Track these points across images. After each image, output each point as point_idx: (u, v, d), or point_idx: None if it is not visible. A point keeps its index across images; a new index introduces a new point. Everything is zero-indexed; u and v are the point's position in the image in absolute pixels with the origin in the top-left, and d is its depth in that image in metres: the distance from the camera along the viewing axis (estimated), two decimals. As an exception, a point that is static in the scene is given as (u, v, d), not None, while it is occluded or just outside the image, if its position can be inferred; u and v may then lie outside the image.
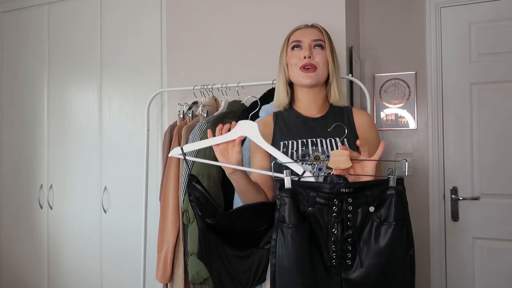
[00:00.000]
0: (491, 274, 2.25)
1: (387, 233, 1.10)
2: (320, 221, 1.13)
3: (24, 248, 2.85)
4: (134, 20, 2.51)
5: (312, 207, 1.12)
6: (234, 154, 1.24)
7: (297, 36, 1.39)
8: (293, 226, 1.11)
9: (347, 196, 1.11)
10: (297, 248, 1.10)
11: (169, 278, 1.84)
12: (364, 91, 1.83)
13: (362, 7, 2.55)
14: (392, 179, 1.11)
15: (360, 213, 1.12)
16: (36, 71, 2.81)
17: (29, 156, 2.83)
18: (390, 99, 2.48)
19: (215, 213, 1.24)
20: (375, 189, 1.12)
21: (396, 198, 1.10)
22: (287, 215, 1.11)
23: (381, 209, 1.11)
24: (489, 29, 2.29)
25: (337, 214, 1.11)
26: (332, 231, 1.12)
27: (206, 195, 1.25)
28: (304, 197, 1.13)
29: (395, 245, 1.10)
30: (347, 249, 1.12)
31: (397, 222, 1.10)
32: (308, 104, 1.40)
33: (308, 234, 1.12)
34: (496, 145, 2.26)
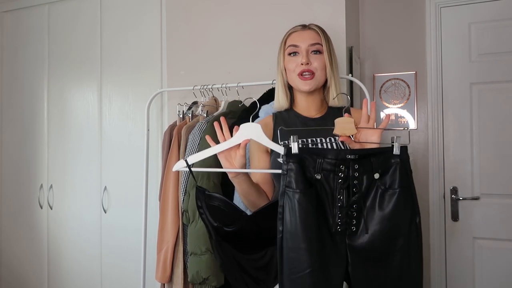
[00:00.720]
0: (491, 274, 2.25)
1: (391, 200, 1.11)
2: (326, 188, 1.13)
3: (24, 248, 2.85)
4: (134, 20, 2.51)
5: (319, 173, 1.12)
6: (238, 158, 1.24)
7: (294, 40, 1.38)
8: (300, 191, 1.10)
9: (353, 163, 1.12)
10: (305, 213, 1.10)
11: (168, 278, 1.84)
12: (364, 91, 1.83)
13: (362, 7, 2.55)
14: (396, 146, 1.12)
15: (365, 180, 1.13)
16: (36, 71, 2.81)
17: (29, 156, 2.83)
18: (390, 99, 2.48)
19: (238, 218, 1.23)
20: (380, 156, 1.13)
21: (400, 165, 1.12)
22: (294, 180, 1.11)
23: (386, 176, 1.12)
24: (489, 29, 2.29)
25: (343, 180, 1.12)
26: (338, 197, 1.13)
27: (228, 201, 1.24)
28: (310, 163, 1.13)
29: (400, 212, 1.11)
30: (352, 215, 1.13)
31: (401, 189, 1.11)
32: (307, 106, 1.41)
33: (315, 200, 1.12)
34: (496, 145, 2.26)
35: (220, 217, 1.24)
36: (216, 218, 1.25)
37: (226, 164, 1.26)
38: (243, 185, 1.29)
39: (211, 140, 1.27)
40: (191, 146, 1.77)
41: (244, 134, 1.25)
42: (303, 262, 1.10)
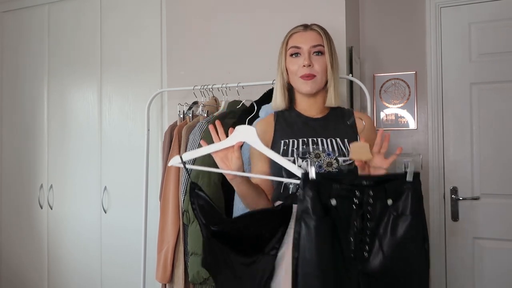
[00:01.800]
0: (491, 274, 2.25)
1: (403, 226, 1.11)
2: (340, 213, 1.14)
3: (24, 248, 2.85)
4: (134, 20, 2.51)
5: (334, 199, 1.13)
6: (234, 160, 1.24)
7: (296, 41, 1.37)
8: (317, 218, 1.10)
9: (368, 189, 1.12)
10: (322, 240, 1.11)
11: (169, 278, 1.84)
12: (364, 91, 1.83)
13: (362, 7, 2.55)
14: (409, 173, 1.12)
15: (379, 206, 1.13)
16: (36, 71, 2.81)
17: (29, 156, 2.83)
18: (390, 99, 2.48)
19: (220, 220, 1.24)
20: (394, 182, 1.13)
21: (412, 191, 1.12)
22: (311, 206, 1.11)
23: (398, 202, 1.13)
24: (489, 29, 2.29)
25: (358, 206, 1.13)
26: (353, 223, 1.13)
27: (210, 202, 1.25)
28: (326, 188, 1.13)
29: (411, 238, 1.12)
30: (365, 241, 1.14)
31: (413, 215, 1.12)
32: (309, 107, 1.41)
33: (330, 227, 1.12)
34: (496, 145, 2.26)
35: (205, 216, 1.26)
36: (204, 216, 1.26)
37: (223, 167, 1.25)
38: (241, 187, 1.29)
39: (205, 143, 1.28)
40: (191, 146, 1.77)
41: (238, 137, 1.24)
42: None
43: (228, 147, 1.25)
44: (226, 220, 1.24)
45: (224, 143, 1.25)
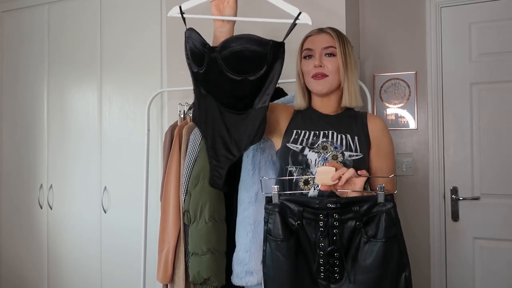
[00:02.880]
0: (491, 274, 2.25)
1: (374, 251, 1.09)
2: (308, 235, 1.15)
3: (24, 248, 2.85)
4: (134, 19, 2.51)
5: (300, 222, 1.14)
6: (227, 9, 1.30)
7: (309, 44, 1.42)
8: (279, 241, 1.14)
9: (333, 211, 1.12)
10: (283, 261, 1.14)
11: (170, 278, 1.84)
12: (364, 91, 1.83)
13: (362, 7, 2.55)
14: (380, 195, 1.10)
15: (348, 229, 1.12)
16: (36, 71, 2.81)
17: (29, 156, 2.83)
18: (390, 99, 2.48)
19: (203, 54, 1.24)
20: (363, 205, 1.12)
21: (385, 215, 1.10)
22: (275, 228, 1.15)
23: (370, 225, 1.11)
24: (489, 29, 2.29)
25: (323, 228, 1.13)
26: (319, 245, 1.13)
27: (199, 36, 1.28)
28: (292, 211, 1.15)
29: (384, 264, 1.09)
30: (335, 264, 1.13)
31: (386, 240, 1.09)
32: (323, 106, 1.44)
33: (294, 248, 1.14)
34: (496, 145, 2.26)
35: (194, 57, 1.28)
36: (194, 61, 1.28)
37: (215, 13, 1.30)
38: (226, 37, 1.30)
39: None
40: (192, 146, 1.77)
41: None
42: None
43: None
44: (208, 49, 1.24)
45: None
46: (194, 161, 1.74)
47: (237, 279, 1.51)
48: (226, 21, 1.30)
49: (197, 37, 1.28)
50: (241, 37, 1.22)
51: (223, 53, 1.22)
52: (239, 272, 1.50)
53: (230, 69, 1.22)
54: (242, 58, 1.21)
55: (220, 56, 1.22)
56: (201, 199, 1.68)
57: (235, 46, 1.21)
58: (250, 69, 1.23)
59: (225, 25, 1.30)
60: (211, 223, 1.65)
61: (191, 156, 1.77)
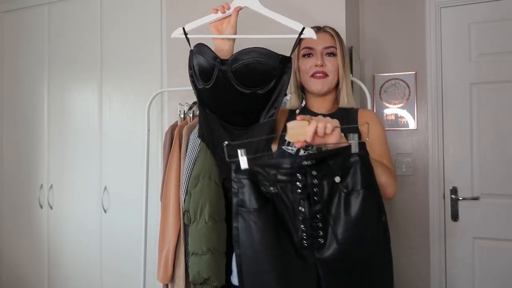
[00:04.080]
0: (491, 274, 2.25)
1: (357, 202, 1.02)
2: (285, 201, 1.04)
3: (24, 248, 2.85)
4: (134, 19, 2.51)
5: (275, 187, 1.03)
6: (229, 28, 1.29)
7: (309, 42, 1.40)
8: (254, 210, 1.01)
9: (311, 169, 1.02)
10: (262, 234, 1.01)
11: (170, 278, 1.84)
12: (364, 91, 1.83)
13: (362, 7, 2.55)
14: (354, 145, 1.02)
15: (326, 186, 1.03)
16: (36, 71, 2.81)
17: (29, 156, 2.83)
18: (390, 99, 2.48)
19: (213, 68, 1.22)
20: (338, 158, 1.03)
21: (360, 164, 1.03)
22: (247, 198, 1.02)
23: (347, 177, 1.03)
24: (489, 29, 2.29)
25: (302, 189, 1.03)
26: (299, 209, 1.04)
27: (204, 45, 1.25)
28: (264, 177, 1.03)
29: (367, 214, 1.03)
30: (318, 227, 1.04)
31: (365, 189, 1.03)
32: (318, 106, 1.43)
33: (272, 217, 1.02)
34: (496, 145, 2.26)
35: (202, 72, 1.25)
36: (200, 76, 1.26)
37: (215, 34, 1.30)
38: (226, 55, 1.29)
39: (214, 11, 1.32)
40: (192, 146, 1.77)
41: (238, 2, 1.28)
42: (269, 286, 1.02)
43: (226, 17, 1.30)
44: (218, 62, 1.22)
45: (223, 14, 1.30)
46: (194, 161, 1.74)
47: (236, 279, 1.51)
48: (227, 40, 1.30)
49: (208, 51, 1.25)
50: (253, 50, 1.20)
51: (234, 66, 1.20)
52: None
53: (239, 82, 1.21)
54: (252, 71, 1.20)
55: (230, 69, 1.21)
56: (201, 199, 1.68)
57: (247, 59, 1.20)
58: (259, 82, 1.21)
59: (225, 43, 1.29)
60: (211, 223, 1.65)
61: (191, 156, 1.77)
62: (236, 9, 1.28)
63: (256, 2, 1.29)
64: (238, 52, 1.21)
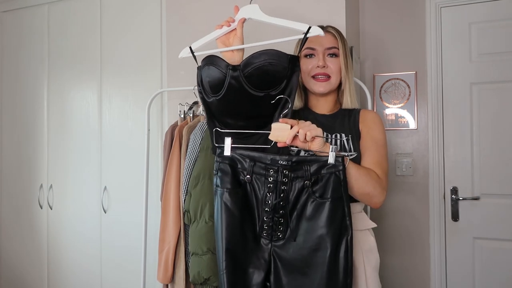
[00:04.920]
0: (491, 274, 2.25)
1: (320, 210, 1.10)
2: (257, 191, 1.15)
3: (24, 248, 2.85)
4: (134, 20, 2.51)
5: (249, 176, 1.14)
6: (236, 41, 1.29)
7: (311, 43, 1.39)
8: (227, 190, 1.14)
9: (283, 168, 1.12)
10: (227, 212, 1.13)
11: (170, 278, 1.84)
12: (364, 91, 1.83)
13: (362, 7, 2.55)
14: (331, 156, 1.09)
15: (297, 187, 1.12)
16: (36, 71, 2.81)
17: (29, 156, 2.83)
18: (390, 99, 2.48)
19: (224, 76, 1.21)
20: (314, 165, 1.11)
21: (334, 176, 1.10)
22: (223, 180, 1.15)
23: (318, 185, 1.11)
24: (489, 29, 2.29)
25: (272, 184, 1.13)
26: (266, 202, 1.13)
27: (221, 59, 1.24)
28: (243, 166, 1.15)
29: (328, 223, 1.09)
30: (279, 221, 1.13)
31: (332, 200, 1.09)
32: (320, 106, 1.44)
33: (241, 200, 1.14)
34: (496, 145, 2.26)
35: (212, 83, 1.24)
36: (210, 89, 1.25)
37: (222, 46, 1.31)
38: None
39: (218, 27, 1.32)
40: (192, 146, 1.77)
41: (242, 14, 1.30)
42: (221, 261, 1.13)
43: (231, 31, 1.31)
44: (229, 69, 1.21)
45: (228, 28, 1.30)
46: (194, 161, 1.74)
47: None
48: (236, 52, 1.29)
49: (219, 60, 1.25)
50: (264, 53, 1.21)
51: (247, 70, 1.20)
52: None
53: (253, 86, 1.21)
54: (265, 73, 1.20)
55: (243, 73, 1.20)
56: (201, 199, 1.68)
57: (259, 61, 1.20)
58: (272, 83, 1.21)
59: (235, 56, 1.28)
60: (211, 223, 1.65)
61: (192, 156, 1.77)
62: (241, 21, 1.29)
63: (259, 12, 1.30)
64: (249, 57, 1.21)
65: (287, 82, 1.22)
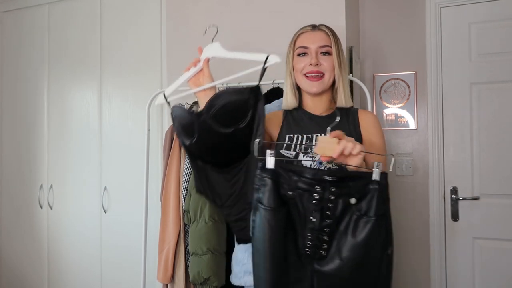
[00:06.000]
0: (491, 274, 2.25)
1: (365, 228, 1.07)
2: (299, 207, 1.10)
3: (24, 248, 2.85)
4: (134, 20, 2.51)
5: (293, 192, 1.09)
6: (206, 79, 1.33)
7: (303, 41, 1.38)
8: (271, 209, 1.08)
9: (330, 185, 1.08)
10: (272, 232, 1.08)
11: (170, 278, 1.84)
12: (364, 91, 1.83)
13: (362, 7, 2.55)
14: (376, 172, 1.06)
15: (341, 204, 1.08)
16: (36, 71, 2.81)
17: (29, 156, 2.83)
18: (390, 99, 2.48)
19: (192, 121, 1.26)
20: (359, 181, 1.08)
21: (378, 192, 1.07)
22: (267, 197, 1.09)
23: (362, 202, 1.08)
24: (489, 29, 2.29)
25: (318, 201, 1.08)
26: (310, 219, 1.09)
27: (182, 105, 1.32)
28: (286, 180, 1.10)
29: (373, 241, 1.07)
30: (323, 239, 1.09)
31: (377, 218, 1.07)
32: (314, 106, 1.42)
33: (284, 219, 1.09)
34: (496, 145, 2.26)
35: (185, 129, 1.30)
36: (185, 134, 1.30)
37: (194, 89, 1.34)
38: None
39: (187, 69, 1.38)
40: (191, 146, 1.77)
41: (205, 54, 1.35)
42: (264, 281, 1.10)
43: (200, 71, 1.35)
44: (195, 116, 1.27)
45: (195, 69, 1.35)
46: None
47: (235, 279, 1.51)
48: (209, 90, 1.33)
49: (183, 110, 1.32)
50: (223, 92, 1.26)
51: (210, 112, 1.24)
52: (238, 271, 1.49)
53: (221, 125, 1.25)
54: (228, 111, 1.24)
55: (208, 116, 1.25)
56: (201, 199, 1.68)
57: (219, 102, 1.24)
58: (238, 118, 1.25)
59: (207, 94, 1.32)
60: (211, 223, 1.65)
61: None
62: (205, 61, 1.34)
63: (221, 50, 1.36)
64: (210, 100, 1.26)
65: (252, 112, 1.24)
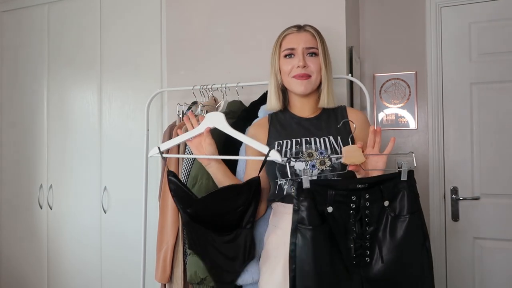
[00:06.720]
0: (491, 274, 2.24)
1: (402, 227, 1.10)
2: (338, 220, 1.11)
3: (24, 248, 2.85)
4: (134, 19, 2.51)
5: (331, 206, 1.10)
6: (206, 146, 1.33)
7: (290, 43, 1.37)
8: (313, 228, 1.08)
9: (364, 192, 1.10)
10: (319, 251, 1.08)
11: (168, 278, 1.83)
12: (364, 91, 1.82)
13: (362, 7, 2.55)
14: (403, 172, 1.11)
15: (376, 208, 1.11)
16: (36, 71, 2.81)
17: (29, 156, 2.83)
18: (390, 99, 2.48)
19: (191, 202, 1.32)
20: (388, 183, 1.12)
21: (408, 191, 1.11)
22: (307, 216, 1.08)
23: (395, 202, 1.12)
24: (489, 29, 2.28)
25: (355, 211, 1.11)
26: (352, 229, 1.11)
27: (181, 186, 1.33)
28: (321, 196, 1.10)
29: (411, 238, 1.11)
30: (366, 246, 1.11)
31: (411, 215, 1.11)
32: (302, 107, 1.41)
33: (328, 235, 1.10)
34: (496, 145, 2.26)
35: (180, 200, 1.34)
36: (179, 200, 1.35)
37: (197, 154, 1.36)
38: (217, 175, 1.36)
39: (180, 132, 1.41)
40: (190, 146, 1.76)
41: (207, 122, 1.34)
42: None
43: (201, 134, 1.35)
44: (195, 201, 1.32)
45: (195, 130, 1.35)
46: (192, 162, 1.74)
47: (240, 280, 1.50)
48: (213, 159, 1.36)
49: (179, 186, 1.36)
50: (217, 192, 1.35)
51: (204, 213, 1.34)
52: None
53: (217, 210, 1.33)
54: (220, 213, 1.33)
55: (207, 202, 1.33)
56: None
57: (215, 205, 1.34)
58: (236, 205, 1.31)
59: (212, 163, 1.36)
60: (209, 223, 1.65)
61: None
62: (207, 130, 1.34)
63: (223, 123, 1.36)
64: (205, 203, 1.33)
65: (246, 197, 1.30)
